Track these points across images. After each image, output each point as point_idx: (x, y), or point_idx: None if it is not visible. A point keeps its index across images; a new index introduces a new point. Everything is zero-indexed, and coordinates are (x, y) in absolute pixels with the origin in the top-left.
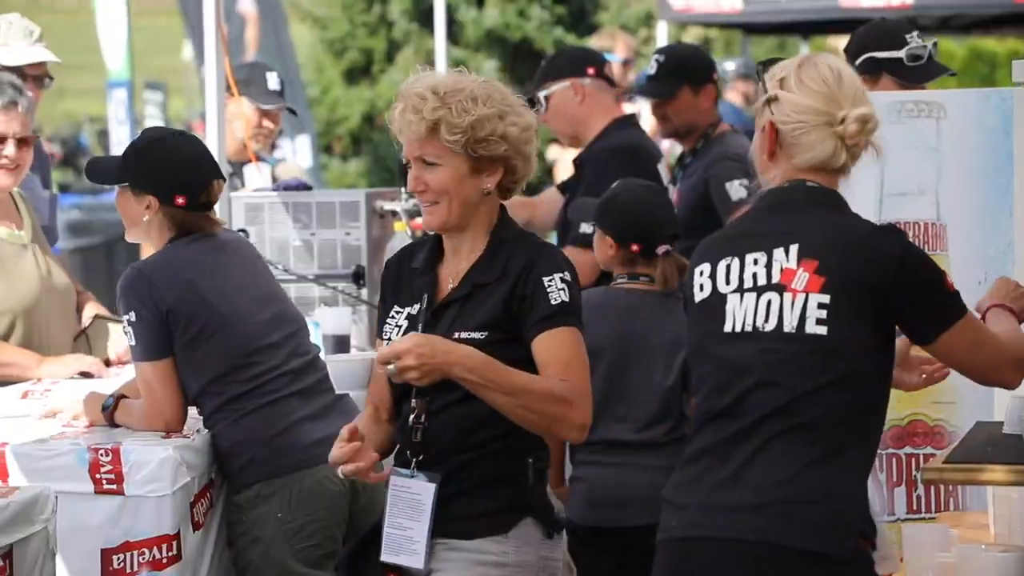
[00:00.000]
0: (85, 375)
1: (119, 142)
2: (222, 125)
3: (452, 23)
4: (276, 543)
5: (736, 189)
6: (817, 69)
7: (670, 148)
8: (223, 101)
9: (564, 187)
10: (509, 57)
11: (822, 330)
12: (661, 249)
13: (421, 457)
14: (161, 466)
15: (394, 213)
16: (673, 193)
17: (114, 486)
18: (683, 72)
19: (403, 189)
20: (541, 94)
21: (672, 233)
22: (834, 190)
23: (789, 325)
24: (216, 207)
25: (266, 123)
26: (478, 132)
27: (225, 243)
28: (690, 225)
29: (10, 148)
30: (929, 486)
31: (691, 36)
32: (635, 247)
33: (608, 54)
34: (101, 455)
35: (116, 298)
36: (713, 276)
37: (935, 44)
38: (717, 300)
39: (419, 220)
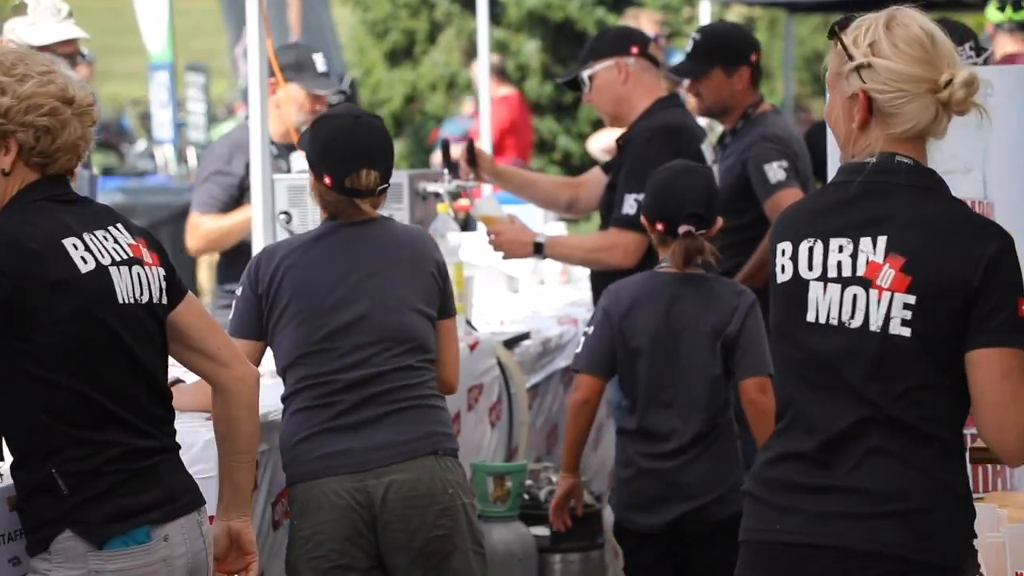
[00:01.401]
0: None
1: (161, 124)
2: (264, 107)
3: (494, 4)
4: (292, 547)
5: (775, 171)
6: (909, 30)
7: (710, 126)
8: (265, 83)
9: (607, 167)
10: (551, 38)
11: (907, 331)
12: (682, 229)
13: None
14: (205, 448)
15: (437, 195)
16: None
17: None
18: (716, 52)
19: (446, 170)
20: (585, 73)
21: (692, 212)
22: (932, 171)
23: (875, 324)
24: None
25: (317, 107)
26: None
27: (362, 236)
28: (729, 206)
29: None
30: (977, 466)
31: (734, 15)
32: (659, 226)
33: None
34: None
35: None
36: (795, 258)
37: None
38: (799, 285)
39: (463, 202)
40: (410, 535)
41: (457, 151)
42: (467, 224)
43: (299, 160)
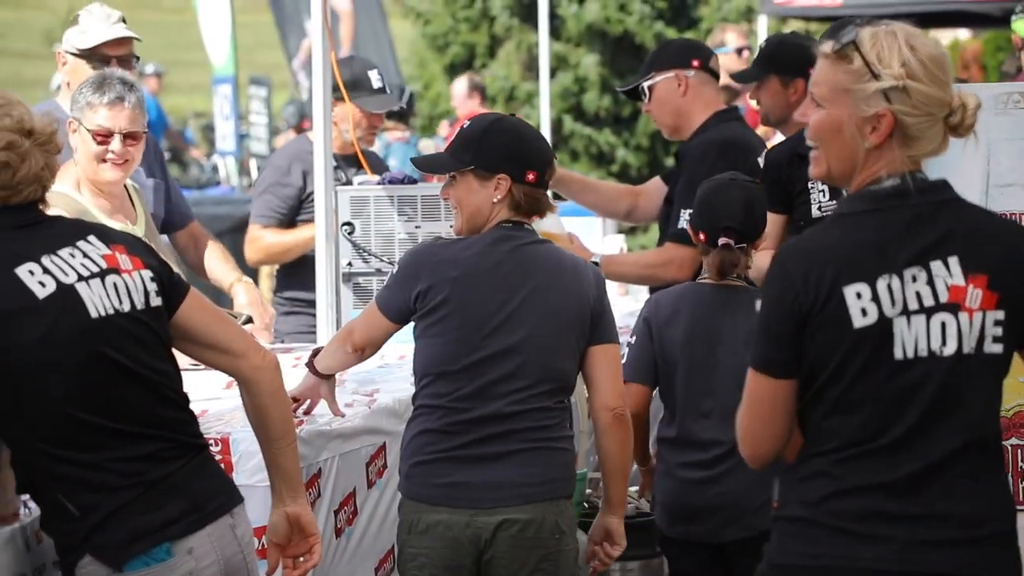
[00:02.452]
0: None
1: (224, 137)
2: (327, 120)
3: (554, 17)
4: (401, 558)
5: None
6: (930, 50)
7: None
8: (329, 96)
9: (667, 177)
10: (610, 51)
11: (998, 348)
12: (720, 241)
13: None
14: None
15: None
16: None
17: (221, 466)
18: (773, 61)
19: None
20: (645, 84)
21: (728, 225)
22: (944, 179)
23: (968, 347)
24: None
25: (374, 123)
26: None
27: (531, 256)
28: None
29: (116, 143)
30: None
31: (791, 30)
32: (701, 236)
33: (720, 48)
34: (211, 445)
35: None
36: (876, 299)
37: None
38: (884, 325)
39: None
40: (511, 574)
41: None
42: None
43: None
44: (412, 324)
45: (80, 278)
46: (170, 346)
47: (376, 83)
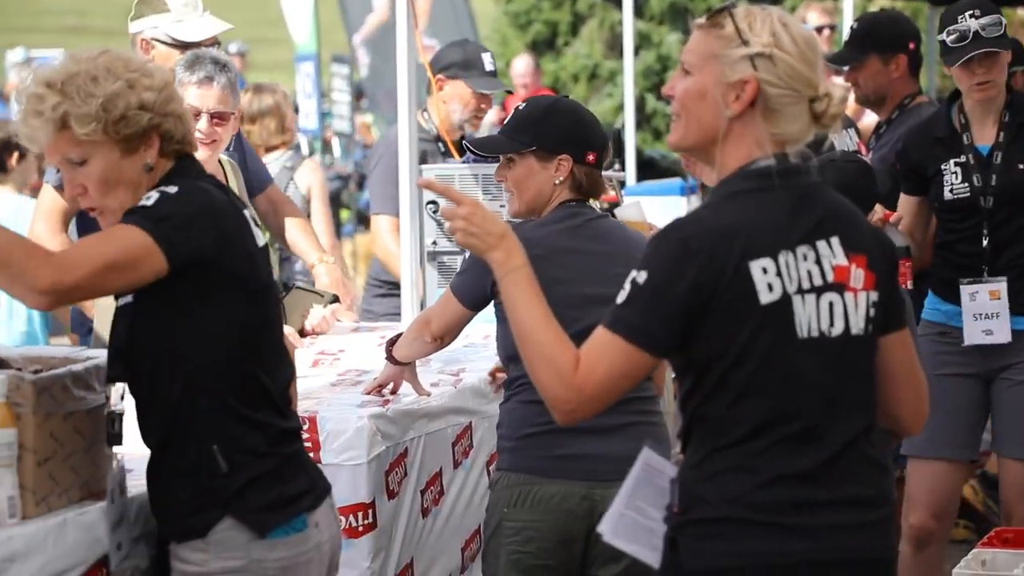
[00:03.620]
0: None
1: (306, 115)
2: (412, 100)
3: None
4: (498, 533)
5: None
6: (803, 30)
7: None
8: (413, 76)
9: None
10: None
11: (871, 328)
12: None
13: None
14: (357, 435)
15: None
16: None
17: (311, 455)
18: (870, 40)
19: None
20: None
21: None
22: (808, 164)
23: (856, 328)
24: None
25: (483, 106)
26: (112, 112)
27: (605, 230)
28: (885, 197)
29: (203, 122)
30: None
31: (877, 8)
32: None
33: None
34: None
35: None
36: (780, 274)
37: (993, 21)
38: (785, 303)
39: (609, 192)
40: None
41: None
42: (612, 215)
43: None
44: (493, 303)
45: (265, 241)
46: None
47: (488, 66)
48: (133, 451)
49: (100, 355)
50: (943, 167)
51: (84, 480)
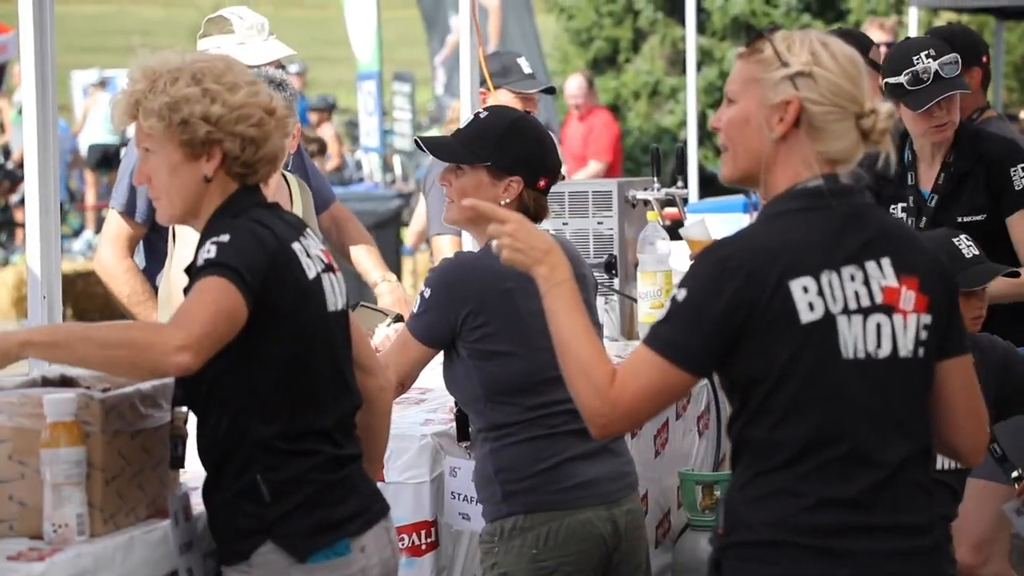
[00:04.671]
0: None
1: (368, 133)
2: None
3: (699, 11)
4: None
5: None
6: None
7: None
8: (476, 90)
9: None
10: None
11: (922, 352)
12: None
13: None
14: (420, 453)
15: (646, 202)
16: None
17: None
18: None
19: (655, 178)
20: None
21: None
22: (861, 185)
23: (905, 349)
24: None
25: (528, 109)
26: (175, 114)
27: (567, 251)
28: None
29: None
30: None
31: (942, 22)
32: None
33: None
34: None
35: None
36: (821, 294)
37: (950, 60)
38: (829, 322)
39: (671, 210)
40: (634, 568)
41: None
42: (675, 232)
43: None
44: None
45: (321, 269)
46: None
47: (526, 69)
48: (200, 470)
49: None
50: (891, 209)
51: (151, 498)
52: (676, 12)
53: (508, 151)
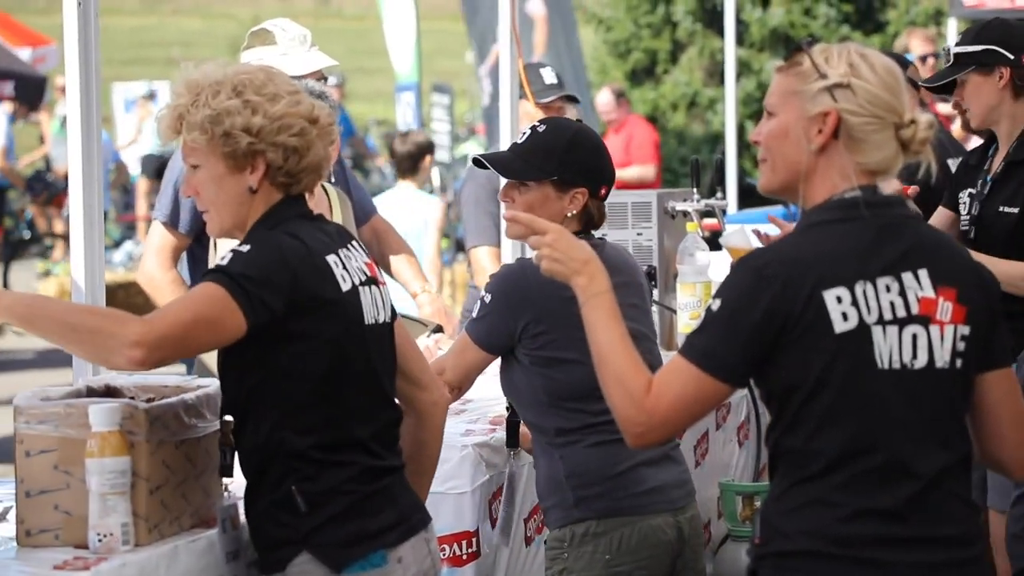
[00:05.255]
0: None
1: None
2: (515, 126)
3: (737, 22)
4: None
5: None
6: (882, 59)
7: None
8: (516, 101)
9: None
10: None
11: (960, 363)
12: None
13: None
14: (461, 464)
15: (685, 214)
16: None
17: None
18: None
19: (695, 189)
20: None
21: None
22: (900, 195)
23: (941, 360)
24: None
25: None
26: (217, 127)
27: (612, 258)
28: None
29: None
30: None
31: None
32: None
33: (906, 55)
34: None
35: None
36: (856, 304)
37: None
38: (863, 332)
39: (710, 221)
40: (694, 574)
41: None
42: (714, 242)
43: None
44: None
45: (360, 282)
46: (396, 364)
47: (547, 79)
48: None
49: (211, 384)
50: (959, 194)
51: (195, 508)
52: (714, 24)
53: (572, 164)
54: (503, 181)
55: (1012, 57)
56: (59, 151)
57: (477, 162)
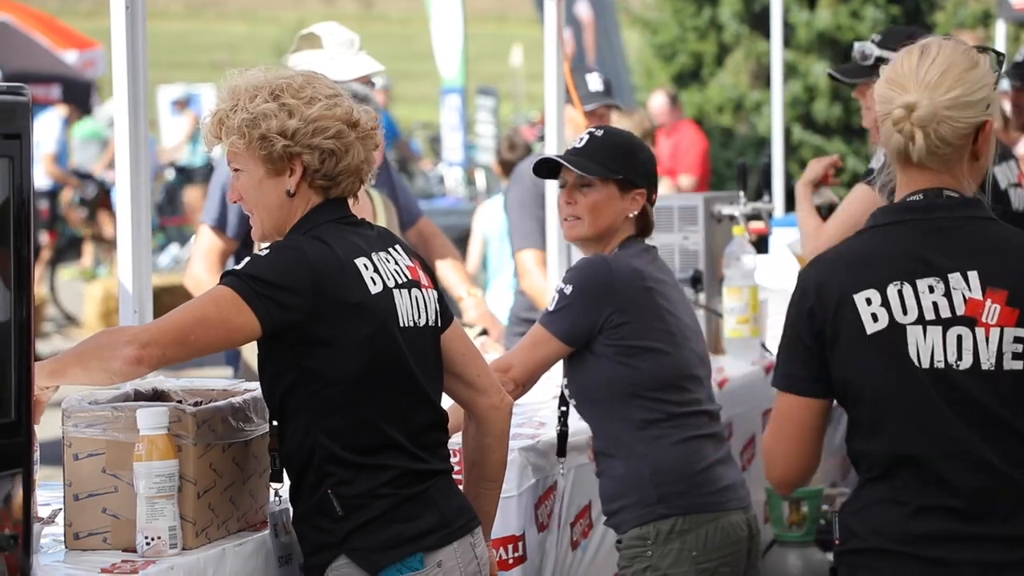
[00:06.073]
0: None
1: (451, 148)
2: (561, 129)
3: (784, 25)
4: None
5: None
6: (915, 47)
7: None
8: (562, 106)
9: None
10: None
11: (1018, 365)
12: None
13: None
14: (507, 468)
15: (732, 217)
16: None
17: (460, 487)
18: None
19: (741, 193)
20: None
21: None
22: (978, 197)
23: (987, 362)
24: None
25: (596, 124)
26: (254, 130)
27: (662, 262)
28: None
29: None
30: None
31: None
32: None
33: None
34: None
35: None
36: (887, 304)
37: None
38: (896, 332)
39: (757, 224)
40: (756, 572)
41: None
42: (761, 246)
43: None
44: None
45: (396, 284)
46: (442, 367)
47: (594, 86)
48: None
49: (257, 388)
50: None
51: (242, 512)
52: (760, 26)
53: (635, 166)
54: (549, 186)
55: None
56: (86, 154)
57: (546, 161)
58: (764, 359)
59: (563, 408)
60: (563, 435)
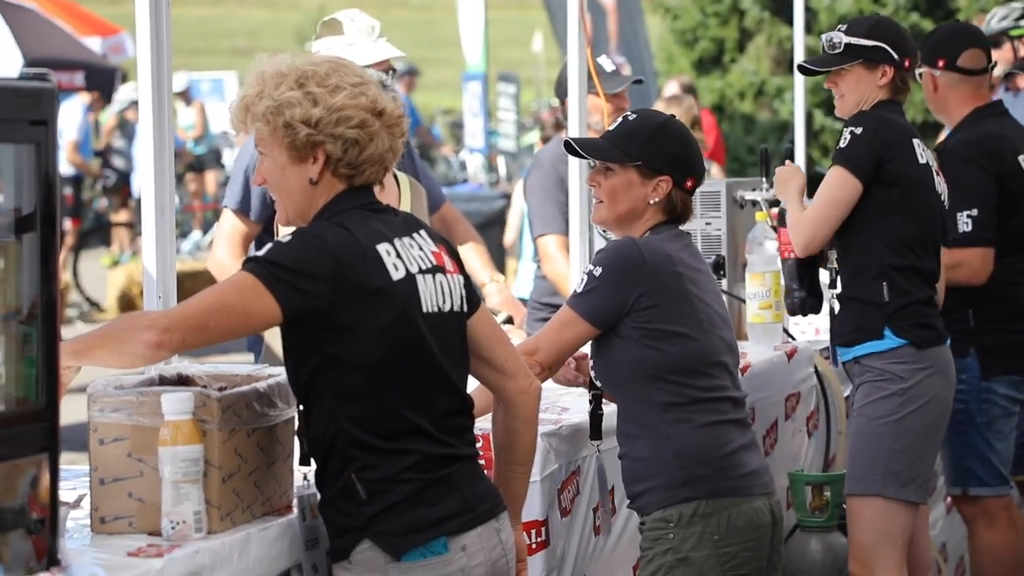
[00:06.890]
0: None
1: (472, 134)
2: (583, 115)
3: (806, 10)
4: (709, 566)
5: None
6: None
7: None
8: (584, 92)
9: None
10: None
11: None
12: None
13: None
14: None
15: (754, 203)
16: None
17: (486, 472)
18: None
19: (763, 179)
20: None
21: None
22: None
23: None
24: None
25: (623, 106)
26: (278, 117)
27: (693, 248)
28: None
29: None
30: None
31: None
32: None
33: None
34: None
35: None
36: None
37: None
38: None
39: (779, 209)
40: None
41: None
42: None
43: None
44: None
45: (420, 270)
46: (467, 353)
47: (608, 67)
48: None
49: (282, 373)
50: None
51: (267, 496)
52: (782, 11)
53: (658, 151)
54: (570, 170)
55: (898, 59)
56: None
57: (567, 145)
58: (786, 345)
59: (594, 391)
60: (597, 417)
